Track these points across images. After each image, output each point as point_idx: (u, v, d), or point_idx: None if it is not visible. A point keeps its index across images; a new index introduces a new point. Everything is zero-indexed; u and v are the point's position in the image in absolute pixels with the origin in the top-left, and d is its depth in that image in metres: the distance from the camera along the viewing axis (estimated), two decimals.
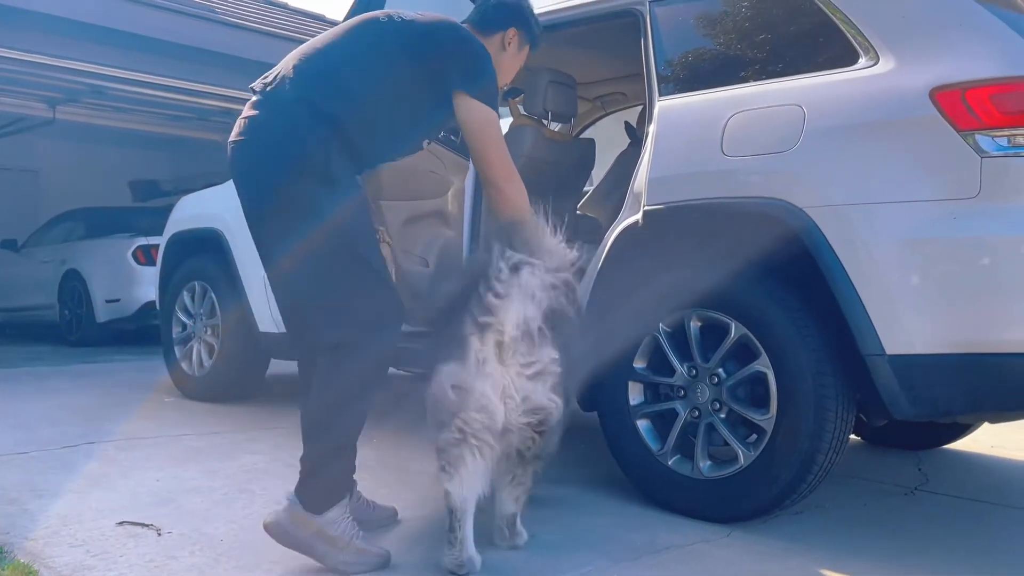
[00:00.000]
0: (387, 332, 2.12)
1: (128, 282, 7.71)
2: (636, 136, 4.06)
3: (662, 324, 2.60)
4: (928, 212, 2.14)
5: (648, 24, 2.85)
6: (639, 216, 2.62)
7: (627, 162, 3.84)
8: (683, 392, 2.56)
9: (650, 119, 2.73)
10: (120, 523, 2.36)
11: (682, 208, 2.55)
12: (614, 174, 4.31)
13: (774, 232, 2.34)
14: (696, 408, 2.53)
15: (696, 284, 2.53)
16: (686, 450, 2.56)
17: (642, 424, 2.64)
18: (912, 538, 2.47)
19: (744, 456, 2.42)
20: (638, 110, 4.04)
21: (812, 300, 2.36)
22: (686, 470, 2.54)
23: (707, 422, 2.50)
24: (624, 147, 4.27)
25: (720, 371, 2.49)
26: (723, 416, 2.48)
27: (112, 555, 2.14)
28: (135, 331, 7.97)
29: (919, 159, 2.18)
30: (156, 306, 4.98)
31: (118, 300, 7.77)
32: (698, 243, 2.59)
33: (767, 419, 2.38)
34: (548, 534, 2.35)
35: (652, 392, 2.68)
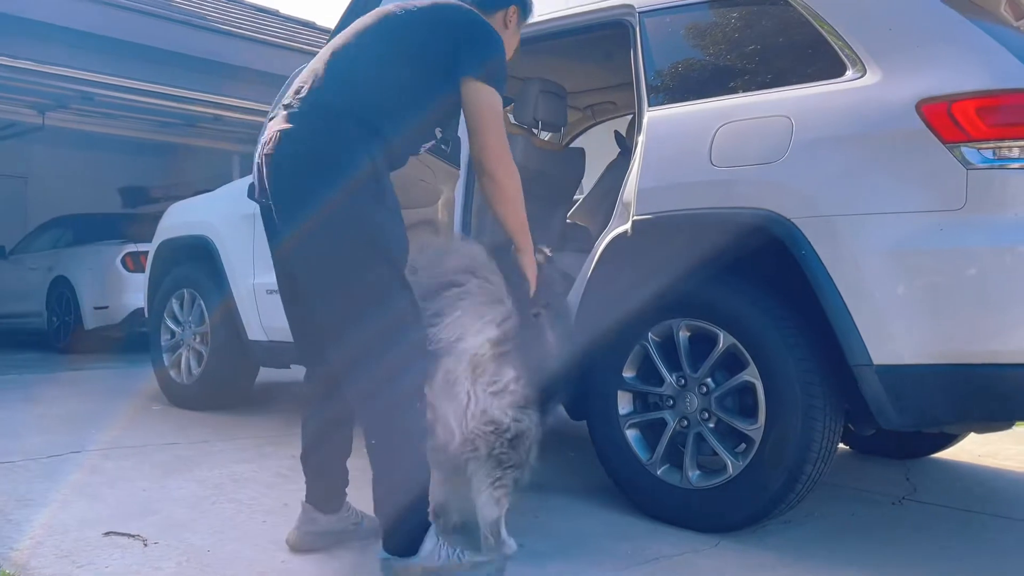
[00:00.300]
0: (426, 359, 2.08)
1: (117, 289, 7.68)
2: (626, 145, 4.08)
3: (651, 333, 2.60)
4: (915, 223, 2.16)
5: (638, 35, 2.86)
6: (628, 226, 2.62)
7: (617, 171, 3.86)
8: (672, 402, 2.57)
9: (639, 129, 2.74)
10: (106, 533, 2.35)
11: (671, 218, 2.55)
12: (604, 183, 4.33)
13: (762, 242, 2.36)
14: (685, 418, 2.53)
15: (685, 294, 2.54)
16: (675, 460, 2.56)
17: (631, 433, 2.64)
18: (900, 547, 2.48)
19: (733, 466, 2.42)
20: (628, 119, 4.05)
21: (800, 310, 2.37)
22: (675, 480, 2.54)
23: (696, 432, 2.51)
24: (614, 156, 4.28)
25: (709, 381, 2.50)
26: (712, 426, 2.49)
27: (97, 566, 2.12)
28: (123, 338, 7.94)
29: (906, 171, 2.19)
30: (145, 313, 4.97)
31: (106, 307, 7.73)
32: (687, 253, 2.59)
33: (755, 429, 2.39)
34: (536, 543, 2.35)
35: (641, 401, 2.68)
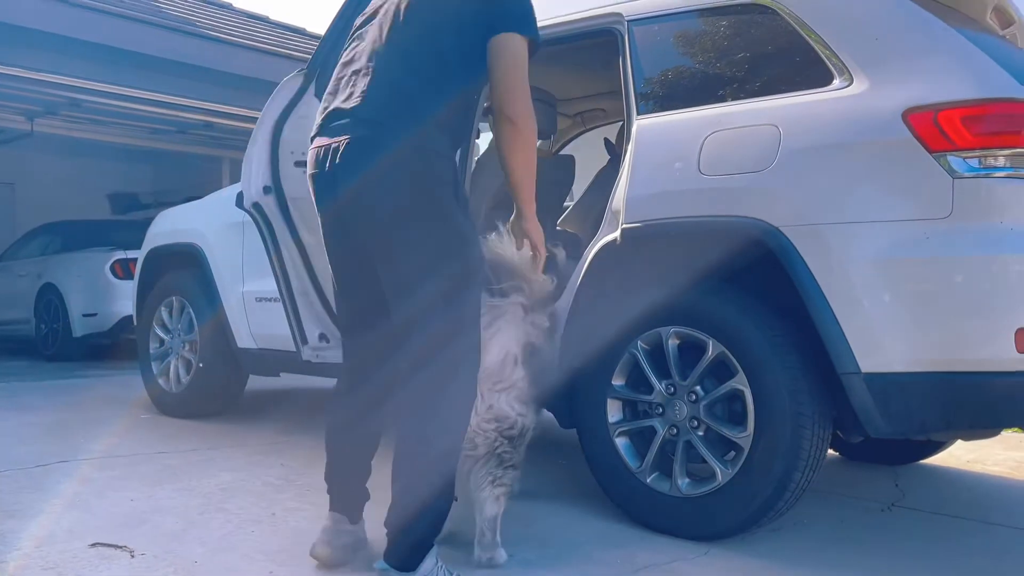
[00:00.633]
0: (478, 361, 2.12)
1: (105, 296, 7.64)
2: (616, 153, 4.09)
3: (640, 341, 2.60)
4: (901, 232, 2.17)
5: (627, 43, 2.87)
6: (617, 234, 2.63)
7: (607, 178, 3.86)
8: (661, 409, 2.57)
9: (628, 137, 2.75)
10: (93, 544, 2.33)
11: (659, 226, 2.56)
12: (594, 190, 4.34)
13: (750, 250, 2.37)
14: (674, 425, 2.53)
15: (674, 302, 2.54)
16: (665, 468, 2.56)
17: (621, 441, 2.64)
18: (890, 554, 2.48)
19: (722, 473, 2.43)
20: (618, 127, 4.06)
21: (788, 318, 2.38)
22: (664, 488, 2.54)
23: (685, 439, 2.51)
24: (604, 163, 4.29)
25: (698, 388, 2.50)
26: (701, 434, 2.49)
27: None
28: (112, 346, 7.90)
29: (892, 179, 2.21)
30: (134, 321, 4.94)
31: (95, 314, 7.70)
32: (675, 261, 2.60)
33: (744, 436, 2.39)
34: (525, 552, 2.34)
35: (631, 409, 2.68)
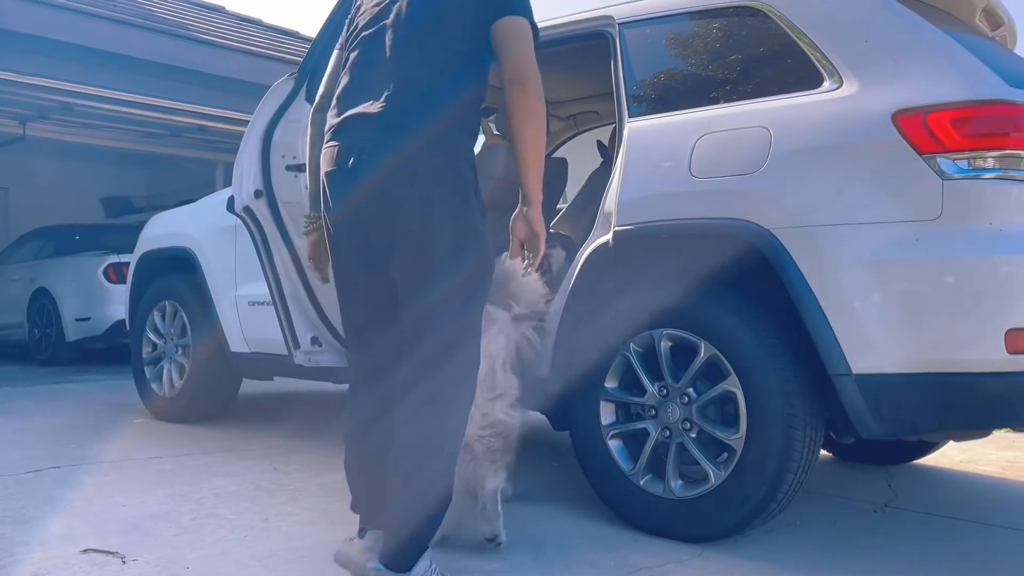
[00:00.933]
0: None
1: (99, 300, 7.62)
2: (608, 155, 4.09)
3: (632, 344, 2.61)
4: (892, 233, 2.18)
5: (618, 46, 2.88)
6: (609, 236, 2.63)
7: (600, 180, 3.86)
8: (654, 411, 2.57)
9: (620, 140, 2.75)
10: (84, 551, 2.32)
11: (651, 229, 2.56)
12: (587, 192, 4.33)
13: (742, 252, 2.37)
14: (667, 428, 2.54)
15: (665, 304, 2.54)
16: (658, 470, 2.56)
17: (614, 444, 2.64)
18: (883, 555, 2.49)
19: (715, 475, 2.43)
20: (611, 129, 4.06)
21: (780, 320, 2.38)
22: (657, 490, 2.54)
23: (678, 441, 2.51)
24: (597, 165, 4.29)
25: (690, 390, 2.50)
26: (694, 435, 2.49)
27: None
28: (105, 350, 7.88)
29: (882, 181, 2.21)
30: (126, 325, 4.93)
31: (88, 319, 7.67)
32: (667, 263, 2.61)
33: (737, 438, 2.39)
34: (518, 555, 2.34)
35: (623, 412, 2.68)
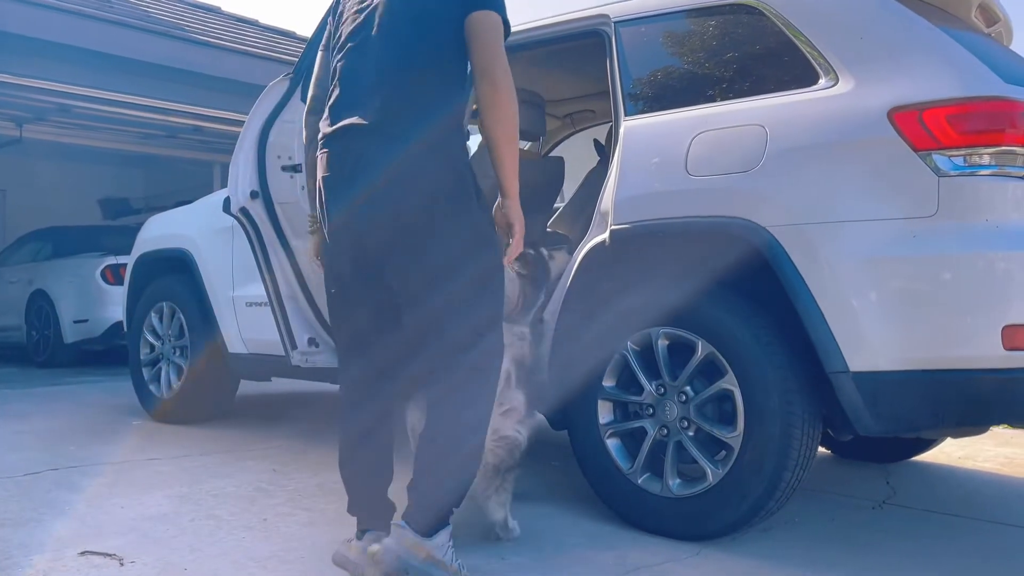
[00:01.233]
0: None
1: (97, 302, 7.61)
2: (605, 154, 4.09)
3: (630, 342, 2.60)
4: (888, 231, 2.18)
5: (614, 45, 2.87)
6: (606, 235, 2.63)
7: (597, 179, 3.86)
8: (652, 410, 2.57)
9: (616, 139, 2.75)
10: (82, 553, 2.32)
11: (648, 227, 2.56)
12: (584, 191, 4.33)
13: (738, 251, 2.37)
14: (665, 426, 2.53)
15: (663, 302, 2.54)
16: (656, 468, 2.56)
17: (612, 443, 2.64)
18: (881, 552, 2.49)
19: (712, 474, 2.43)
20: (607, 128, 4.06)
21: (777, 318, 2.38)
22: (656, 488, 2.54)
23: (676, 440, 2.51)
24: (594, 164, 4.29)
25: (688, 389, 2.50)
26: (691, 434, 2.49)
27: None
28: (103, 352, 7.87)
29: (878, 178, 2.21)
30: (124, 327, 4.93)
31: (86, 320, 7.67)
32: (664, 262, 2.61)
33: (735, 436, 2.39)
34: (517, 555, 2.34)
35: (621, 410, 2.68)
